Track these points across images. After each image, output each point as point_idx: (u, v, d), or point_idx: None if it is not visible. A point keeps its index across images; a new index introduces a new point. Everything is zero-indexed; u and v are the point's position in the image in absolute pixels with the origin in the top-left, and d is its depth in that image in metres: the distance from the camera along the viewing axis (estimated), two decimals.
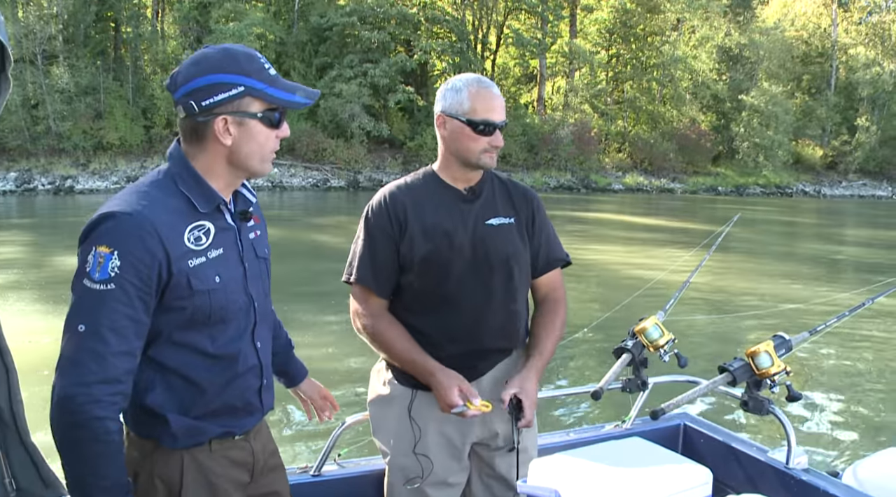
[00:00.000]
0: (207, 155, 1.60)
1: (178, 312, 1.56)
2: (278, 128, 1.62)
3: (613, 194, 34.28)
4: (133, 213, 1.50)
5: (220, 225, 1.64)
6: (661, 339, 2.53)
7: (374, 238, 2.13)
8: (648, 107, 40.43)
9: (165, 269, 1.51)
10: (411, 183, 2.20)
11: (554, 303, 2.28)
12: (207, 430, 1.65)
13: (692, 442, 2.73)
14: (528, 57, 40.05)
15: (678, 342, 2.59)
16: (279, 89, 1.58)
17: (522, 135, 35.58)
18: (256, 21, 31.67)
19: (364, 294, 2.16)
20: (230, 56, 1.55)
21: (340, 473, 2.37)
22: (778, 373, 2.27)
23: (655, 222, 22.63)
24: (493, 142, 2.09)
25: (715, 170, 39.30)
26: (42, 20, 29.92)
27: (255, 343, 1.72)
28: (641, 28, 40.77)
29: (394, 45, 34.86)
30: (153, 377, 1.60)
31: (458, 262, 2.11)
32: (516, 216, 2.21)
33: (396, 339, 2.12)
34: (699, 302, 10.35)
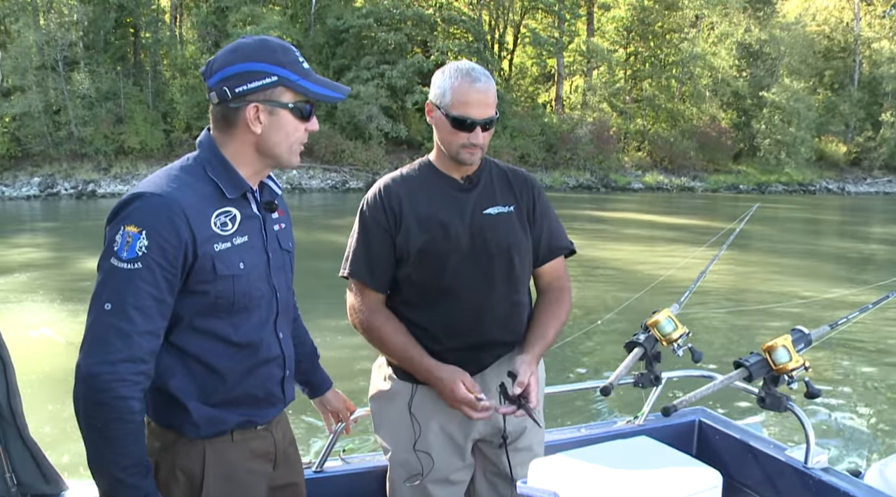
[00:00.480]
0: (237, 142, 1.62)
1: (201, 296, 1.57)
2: (308, 120, 1.65)
3: (633, 193, 34.03)
4: (162, 195, 1.52)
5: (247, 213, 1.65)
6: (674, 332, 2.46)
7: (370, 231, 2.09)
8: (668, 105, 40.05)
9: (191, 251, 1.53)
10: (407, 174, 2.15)
11: (558, 291, 2.21)
12: (228, 419, 1.65)
13: (707, 439, 2.64)
14: (545, 56, 39.89)
15: (693, 336, 2.51)
16: (312, 83, 1.61)
17: (541, 134, 35.46)
18: (273, 24, 31.77)
19: (360, 288, 2.12)
20: (267, 46, 1.59)
21: (343, 469, 2.34)
22: (796, 368, 2.18)
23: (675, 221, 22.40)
24: (472, 139, 2.01)
25: (736, 168, 38.90)
26: (63, 27, 30.23)
27: (278, 333, 1.73)
28: (660, 25, 40.41)
29: (410, 47, 34.87)
30: (174, 363, 1.60)
31: (455, 253, 2.05)
32: (516, 204, 2.14)
33: (392, 334, 2.07)
34: (717, 297, 10.22)
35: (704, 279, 3.04)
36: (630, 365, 2.32)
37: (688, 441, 2.66)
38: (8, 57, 29.46)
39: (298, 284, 1.99)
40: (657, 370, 2.48)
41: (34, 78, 28.83)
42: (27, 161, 28.78)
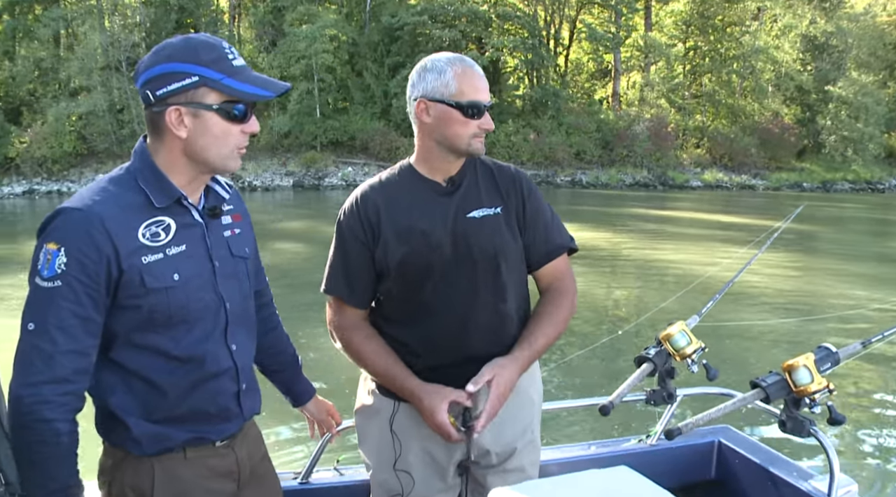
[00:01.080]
0: (166, 148, 1.55)
1: (133, 311, 1.52)
2: (243, 122, 1.56)
3: (691, 191, 33.24)
4: (82, 209, 1.47)
5: (185, 221, 1.58)
6: (688, 347, 2.30)
7: (347, 245, 1.99)
8: (728, 100, 38.96)
9: (115, 265, 1.47)
10: (386, 180, 2.04)
11: (556, 293, 2.05)
12: (174, 436, 1.60)
13: (727, 462, 2.47)
14: (602, 52, 39.32)
15: (710, 351, 2.35)
16: (239, 81, 1.52)
17: (597, 131, 34.98)
18: (329, 23, 32.10)
19: (338, 305, 2.03)
20: (189, 45, 1.51)
21: (329, 482, 2.29)
22: (818, 391, 2.00)
23: (733, 220, 21.74)
24: (483, 125, 1.92)
25: (800, 165, 37.62)
26: (126, 29, 31.16)
27: (230, 345, 1.65)
28: (720, 18, 39.32)
29: (465, 43, 34.75)
30: (114, 380, 1.57)
31: (438, 262, 1.93)
32: (504, 205, 2.00)
33: (373, 353, 1.98)
34: (757, 304, 9.74)
35: (749, 282, 2.85)
36: (634, 382, 2.17)
37: (706, 463, 2.49)
38: (75, 58, 30.44)
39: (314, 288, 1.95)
40: (671, 387, 2.33)
41: (99, 78, 29.82)
42: (92, 158, 29.76)
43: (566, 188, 32.58)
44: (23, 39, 32.45)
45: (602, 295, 10.77)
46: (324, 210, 24.00)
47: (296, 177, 31.30)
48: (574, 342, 7.58)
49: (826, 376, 2.05)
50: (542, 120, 34.77)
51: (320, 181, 31.04)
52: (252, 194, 29.58)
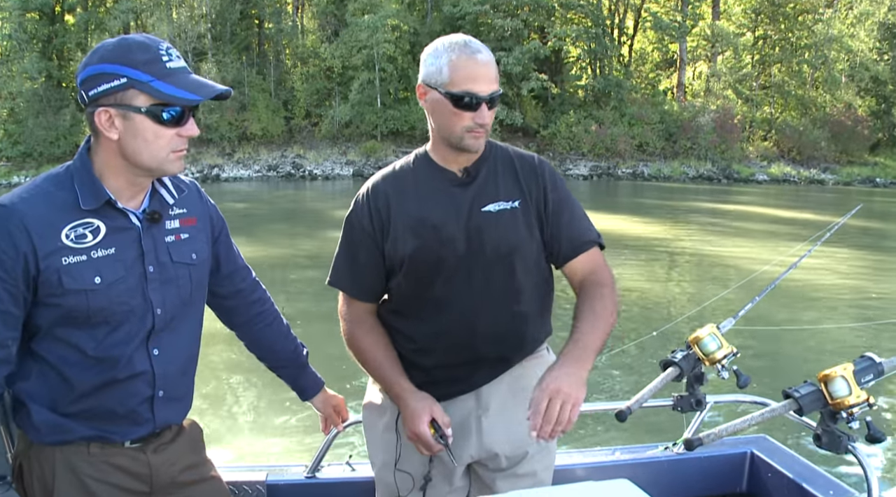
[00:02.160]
0: (102, 149, 1.54)
1: (53, 308, 1.52)
2: (177, 125, 1.51)
3: (757, 185, 32.30)
4: (7, 205, 1.48)
5: (117, 224, 1.57)
6: (718, 351, 2.16)
7: (355, 238, 1.91)
8: (798, 91, 37.68)
9: (33, 263, 1.48)
10: (399, 170, 1.93)
11: (594, 286, 1.86)
12: (74, 430, 1.60)
13: (759, 475, 2.33)
14: (667, 41, 38.52)
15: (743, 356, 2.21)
16: (168, 83, 1.47)
17: (660, 123, 34.33)
18: (391, 13, 32.24)
19: (345, 298, 1.97)
20: (121, 45, 1.48)
21: (335, 476, 2.27)
22: (857, 404, 1.85)
23: (799, 216, 20.99)
24: (477, 119, 1.77)
25: (873, 159, 36.17)
26: (193, 20, 31.92)
27: (151, 350, 1.63)
28: (791, 6, 37.98)
29: (527, 33, 34.49)
30: (31, 367, 1.59)
31: (450, 258, 1.83)
32: (523, 199, 1.87)
33: (370, 347, 1.92)
34: (813, 305, 9.32)
35: (805, 281, 2.69)
36: (657, 387, 2.04)
37: (737, 475, 2.36)
38: None
39: None
40: (700, 393, 2.21)
41: None
42: None
43: (627, 180, 32.06)
44: (94, 31, 33.46)
45: (652, 290, 10.48)
46: None
47: (355, 166, 31.59)
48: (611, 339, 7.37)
49: (866, 389, 1.89)
50: (605, 111, 34.28)
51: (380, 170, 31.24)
52: (312, 183, 29.98)
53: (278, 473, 2.25)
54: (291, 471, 2.28)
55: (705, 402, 2.21)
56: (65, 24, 33.97)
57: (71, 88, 32.17)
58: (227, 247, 1.84)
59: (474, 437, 1.91)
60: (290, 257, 12.91)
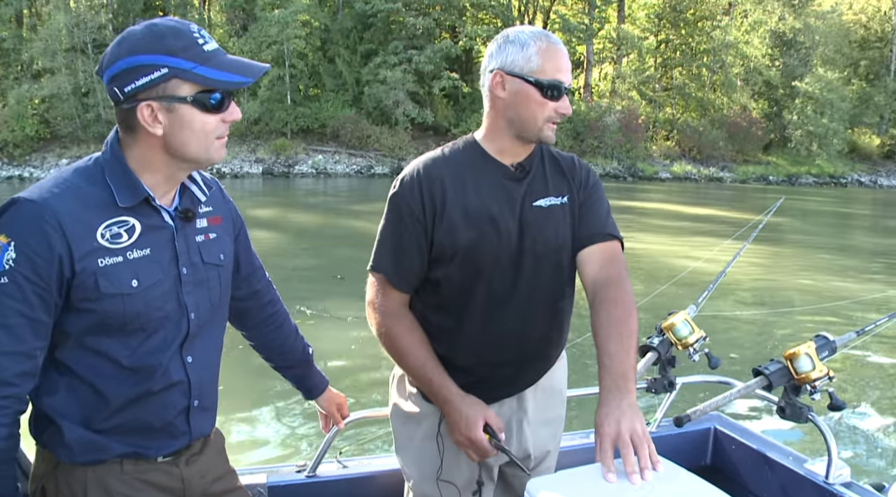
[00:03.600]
0: (141, 146, 1.42)
1: (86, 314, 1.40)
2: (221, 111, 1.42)
3: (660, 183, 33.61)
4: (38, 201, 1.35)
5: (152, 223, 1.46)
6: (690, 336, 2.35)
7: (401, 221, 1.79)
8: (698, 94, 39.43)
9: (68, 265, 1.36)
10: (450, 155, 1.84)
11: (607, 287, 1.73)
12: (109, 448, 1.48)
13: (723, 449, 2.52)
14: (574, 43, 39.40)
15: (709, 340, 2.40)
16: (211, 68, 1.38)
17: (568, 122, 35.06)
18: (301, 8, 31.80)
19: (382, 285, 1.84)
20: (153, 33, 1.36)
21: (336, 475, 2.26)
22: (820, 378, 2.07)
23: (703, 212, 22.06)
24: (560, 109, 1.74)
25: (766, 158, 38.25)
26: (93, 10, 30.53)
27: (185, 358, 1.53)
28: (692, 12, 39.72)
29: (439, 32, 34.69)
30: (58, 381, 1.45)
31: (505, 253, 1.78)
32: (570, 194, 1.86)
33: (413, 347, 1.81)
34: (739, 296, 9.97)
35: (728, 276, 2.91)
36: (641, 370, 2.21)
37: (702, 450, 2.55)
38: (38, 39, 29.77)
39: (313, 274, 1.88)
40: (671, 375, 2.38)
41: (63, 60, 29.16)
42: (55, 143, 29.15)
43: None
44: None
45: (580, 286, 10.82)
46: (293, 198, 23.83)
47: (265, 164, 30.98)
48: None
49: (825, 363, 2.11)
50: None
51: (290, 169, 30.79)
52: (220, 181, 29.18)
53: (279, 474, 2.23)
54: (292, 471, 2.25)
55: (676, 383, 2.40)
56: None
57: None
58: (245, 247, 1.76)
59: (514, 440, 1.89)
60: None
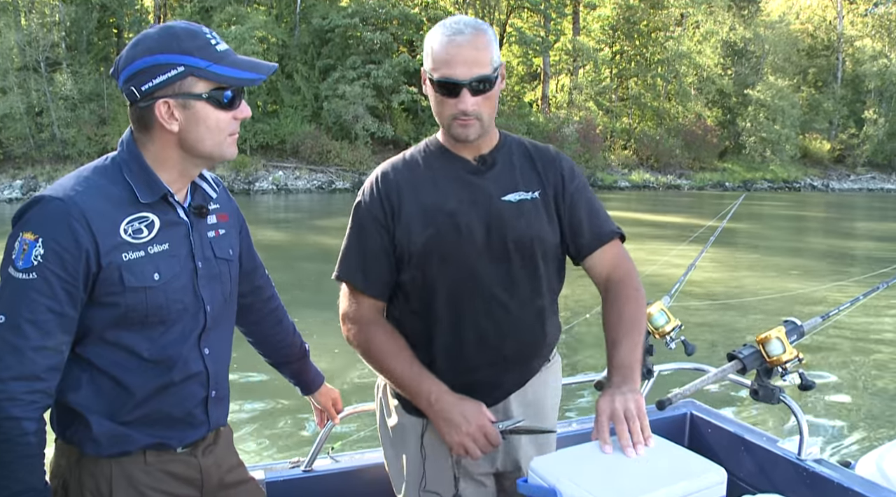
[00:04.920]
0: (157, 143, 1.48)
1: (110, 308, 1.45)
2: (233, 108, 1.49)
3: (620, 192, 34.08)
4: (63, 199, 1.40)
5: (169, 219, 1.52)
6: (667, 325, 2.45)
7: (364, 227, 1.78)
8: (653, 103, 40.20)
9: (94, 260, 1.40)
10: (410, 157, 1.83)
11: (620, 284, 1.79)
12: (135, 439, 1.52)
13: (700, 432, 2.62)
14: (531, 55, 39.92)
15: (685, 329, 2.50)
16: (225, 66, 1.45)
17: (527, 133, 35.37)
18: (258, 24, 31.63)
19: (353, 293, 1.81)
20: (169, 34, 1.43)
21: (332, 468, 2.29)
22: (790, 360, 2.17)
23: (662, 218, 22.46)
24: (459, 105, 1.66)
25: (722, 165, 39.09)
26: (45, 27, 29.97)
27: (203, 349, 1.58)
28: (645, 24, 40.54)
29: (396, 46, 34.82)
30: (80, 376, 1.49)
31: (469, 249, 1.73)
32: (542, 190, 1.80)
33: (393, 353, 1.75)
34: (706, 292, 10.22)
35: (691, 276, 3.02)
36: None
37: (679, 434, 2.64)
38: None
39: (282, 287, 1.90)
40: (649, 363, 2.48)
41: (15, 79, 28.55)
42: (9, 163, 28.50)
43: None
44: None
45: None
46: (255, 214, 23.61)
47: (225, 181, 30.15)
48: None
49: (795, 347, 2.22)
50: None
51: (251, 186, 30.54)
52: None
53: (275, 471, 2.24)
54: (288, 467, 2.27)
55: (653, 370, 2.49)
56: None
57: None
58: (247, 243, 1.81)
59: (501, 450, 1.83)
60: None
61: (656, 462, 1.45)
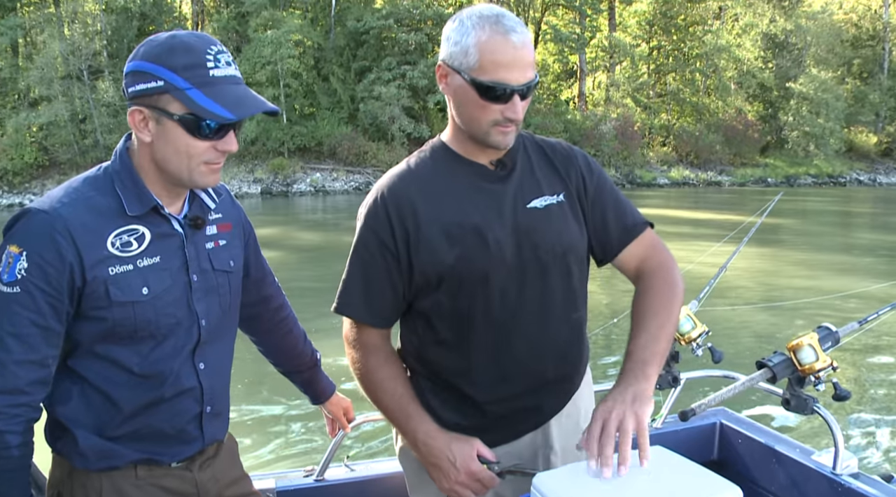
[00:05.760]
0: (140, 152, 1.44)
1: (97, 322, 1.42)
2: (212, 138, 1.38)
3: (659, 189, 33.66)
4: (49, 211, 1.37)
5: (161, 231, 1.47)
6: (693, 331, 2.35)
7: (369, 253, 1.60)
8: (692, 98, 39.61)
9: (79, 274, 1.37)
10: (417, 166, 1.63)
11: (650, 275, 1.63)
12: (123, 454, 1.49)
13: (729, 443, 2.51)
14: (567, 52, 39.65)
15: (712, 335, 2.39)
16: (206, 96, 1.34)
17: (564, 131, 35.21)
18: (294, 28, 31.95)
19: (355, 323, 1.67)
20: (166, 44, 1.36)
21: (345, 478, 2.26)
22: (823, 369, 2.06)
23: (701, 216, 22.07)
24: (507, 113, 1.48)
25: (763, 161, 38.32)
26: (87, 37, 30.73)
27: (198, 364, 1.54)
28: (682, 18, 39.99)
29: (431, 46, 34.82)
30: (71, 388, 1.47)
31: (499, 266, 1.56)
32: (566, 191, 1.63)
33: (385, 381, 1.62)
34: (742, 293, 9.99)
35: (728, 274, 2.91)
36: None
37: (708, 445, 2.53)
38: (34, 68, 29.92)
39: (313, 292, 1.86)
40: (675, 370, 2.38)
41: (60, 87, 29.30)
42: (54, 169, 29.21)
43: None
44: None
45: None
46: (293, 217, 23.87)
47: (264, 184, 31.04)
48: None
49: (829, 354, 2.10)
50: None
51: (289, 188, 30.85)
52: None
53: (287, 479, 2.23)
54: (300, 476, 2.25)
55: (680, 378, 2.39)
56: None
57: None
58: (255, 253, 1.76)
59: None
60: None
61: (668, 480, 1.36)
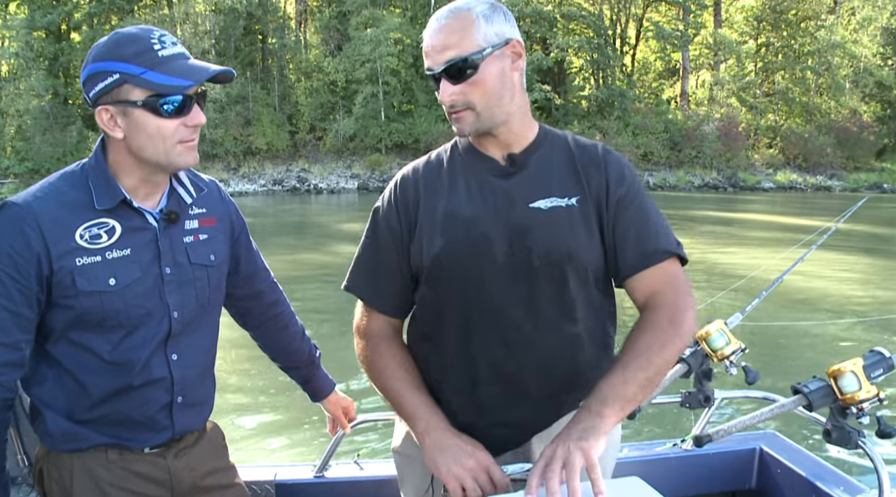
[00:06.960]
0: (113, 149, 1.51)
1: (65, 310, 1.49)
2: (178, 115, 1.44)
3: (763, 193, 32.27)
4: (21, 204, 1.46)
5: (133, 225, 1.53)
6: (727, 347, 2.15)
7: (377, 236, 1.62)
8: (802, 98, 37.79)
9: (46, 264, 1.45)
10: (435, 157, 1.64)
11: (653, 311, 1.47)
12: (88, 437, 1.56)
13: (768, 471, 2.30)
14: (669, 50, 38.60)
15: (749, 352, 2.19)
16: (160, 72, 1.41)
17: (664, 132, 34.34)
18: (393, 26, 32.40)
19: (364, 308, 1.66)
20: (111, 41, 1.44)
21: (343, 476, 2.26)
22: (867, 399, 1.82)
23: (808, 223, 20.92)
24: (441, 96, 1.50)
25: (880, 165, 36.15)
26: (197, 36, 32.20)
27: (170, 355, 1.59)
28: (793, 13, 38.13)
29: (530, 44, 34.58)
30: (46, 372, 1.55)
31: (487, 263, 1.50)
32: (582, 196, 1.52)
33: (390, 370, 1.58)
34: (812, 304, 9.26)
35: (797, 285, 2.67)
36: (665, 384, 2.02)
37: (747, 472, 2.34)
38: None
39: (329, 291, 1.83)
40: (708, 389, 2.19)
41: None
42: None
43: None
44: None
45: None
46: None
47: (360, 179, 31.66)
48: None
49: (876, 384, 1.87)
50: (609, 121, 34.33)
51: (385, 183, 31.15)
52: (317, 197, 30.07)
53: (287, 473, 2.25)
54: (300, 470, 2.27)
55: (714, 398, 2.20)
56: (70, 42, 34.24)
57: (77, 105, 32.41)
58: (247, 248, 1.79)
59: None
60: (295, 270, 12.93)
61: None
